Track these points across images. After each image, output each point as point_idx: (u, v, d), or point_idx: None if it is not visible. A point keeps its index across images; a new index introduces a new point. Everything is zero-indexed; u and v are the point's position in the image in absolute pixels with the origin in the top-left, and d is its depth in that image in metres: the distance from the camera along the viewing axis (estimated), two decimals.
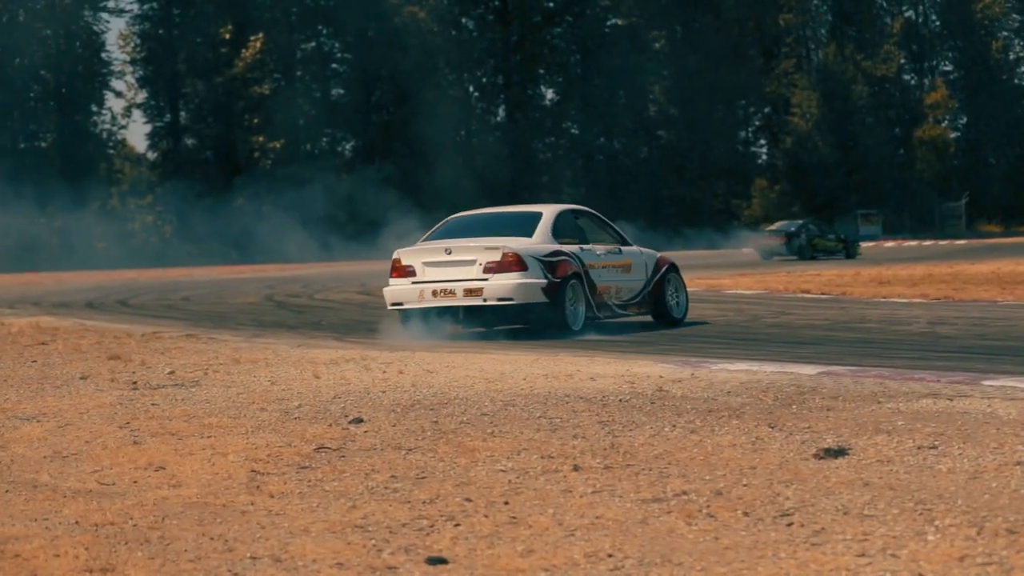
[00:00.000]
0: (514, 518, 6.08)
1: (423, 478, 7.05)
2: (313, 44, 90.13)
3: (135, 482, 7.23)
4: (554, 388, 10.41)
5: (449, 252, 16.68)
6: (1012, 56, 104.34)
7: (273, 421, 9.12)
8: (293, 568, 5.39)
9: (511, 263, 16.35)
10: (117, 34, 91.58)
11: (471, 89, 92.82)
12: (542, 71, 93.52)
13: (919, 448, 7.39)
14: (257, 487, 6.95)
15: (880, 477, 6.67)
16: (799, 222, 57.60)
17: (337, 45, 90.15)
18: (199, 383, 11.58)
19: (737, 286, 29.02)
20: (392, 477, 7.10)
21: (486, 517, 6.11)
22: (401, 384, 10.98)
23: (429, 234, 17.89)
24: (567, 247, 17.05)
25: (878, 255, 56.68)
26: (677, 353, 13.69)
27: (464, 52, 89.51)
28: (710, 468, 7.04)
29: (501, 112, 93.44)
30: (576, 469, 7.13)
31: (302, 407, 9.74)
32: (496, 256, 16.40)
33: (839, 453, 7.27)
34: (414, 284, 16.80)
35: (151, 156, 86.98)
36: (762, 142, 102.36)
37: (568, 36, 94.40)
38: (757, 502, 6.21)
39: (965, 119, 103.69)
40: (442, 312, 16.83)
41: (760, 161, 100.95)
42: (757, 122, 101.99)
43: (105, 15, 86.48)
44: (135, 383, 11.68)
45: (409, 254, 17.06)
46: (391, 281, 17.09)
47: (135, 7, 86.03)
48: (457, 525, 5.99)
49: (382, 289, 17.78)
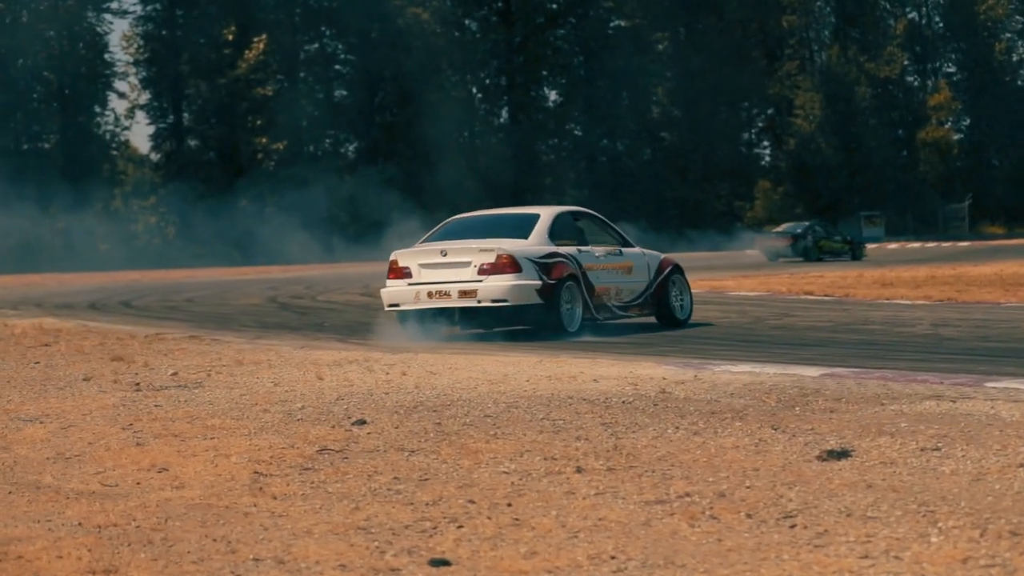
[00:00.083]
0: (517, 520, 6.07)
1: (426, 480, 7.05)
2: (316, 45, 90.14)
3: (138, 483, 7.23)
4: (557, 390, 10.41)
5: (445, 254, 16.77)
6: (1015, 58, 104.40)
7: (276, 423, 9.12)
8: (296, 570, 5.39)
9: (505, 265, 16.41)
10: (120, 35, 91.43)
11: (474, 90, 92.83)
12: (545, 72, 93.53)
13: (922, 450, 7.39)
14: (260, 488, 6.95)
15: (883, 479, 6.67)
16: (805, 224, 57.58)
17: (340, 46, 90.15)
18: (202, 384, 11.58)
19: (740, 288, 29.01)
20: (395, 479, 7.10)
21: (489, 519, 6.11)
22: (404, 386, 10.98)
23: (428, 235, 17.95)
24: (564, 249, 17.07)
25: (881, 257, 56.65)
26: (680, 355, 13.69)
27: (467, 53, 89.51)
28: (713, 470, 7.04)
29: (504, 113, 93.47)
30: (579, 471, 7.13)
31: (305, 409, 9.74)
32: (490, 258, 16.46)
33: (842, 455, 7.27)
34: (410, 285, 16.87)
35: (154, 157, 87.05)
36: (765, 144, 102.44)
37: (571, 37, 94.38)
38: (760, 504, 6.20)
39: (968, 121, 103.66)
40: (438, 313, 16.91)
41: (763, 163, 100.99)
42: (760, 124, 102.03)
43: (108, 16, 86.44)
44: (138, 384, 11.68)
45: (406, 256, 17.14)
46: (388, 282, 17.18)
47: (138, 8, 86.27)
48: (460, 527, 5.99)
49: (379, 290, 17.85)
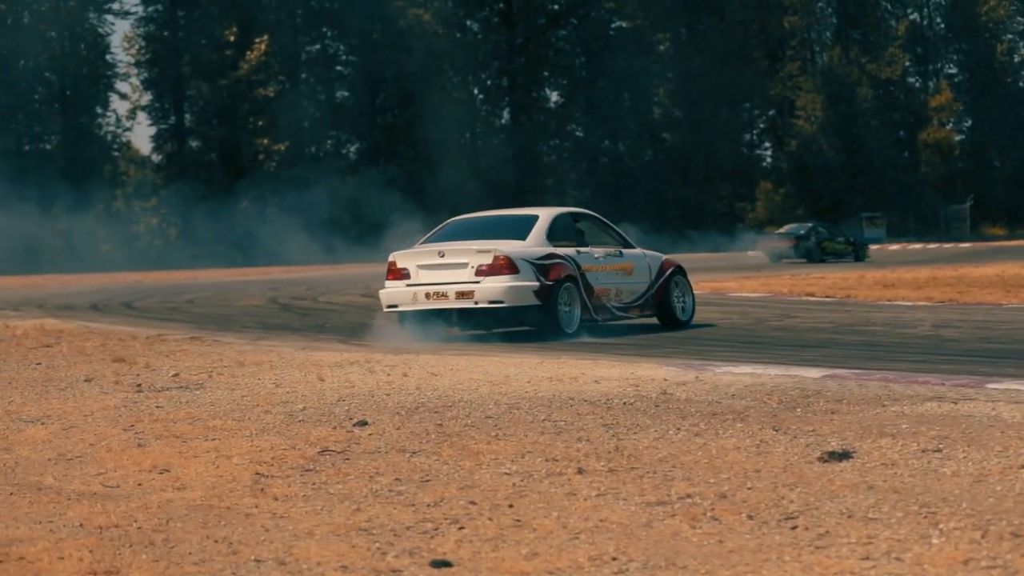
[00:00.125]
0: (518, 521, 6.07)
1: (427, 481, 7.05)
2: (318, 46, 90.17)
3: (139, 484, 7.23)
4: (558, 391, 10.40)
5: (442, 255, 16.85)
6: (1017, 59, 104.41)
7: (277, 424, 9.12)
8: (297, 571, 5.39)
9: (502, 266, 16.46)
10: (122, 36, 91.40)
11: (476, 91, 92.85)
12: (547, 73, 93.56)
13: (923, 451, 7.38)
14: (261, 490, 6.95)
15: (884, 480, 6.67)
16: (808, 225, 57.58)
17: (342, 47, 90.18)
18: (203, 386, 11.58)
19: (741, 289, 29.01)
20: (396, 480, 7.10)
21: (490, 520, 6.11)
22: (405, 387, 10.98)
23: (428, 236, 18.04)
24: (562, 250, 17.11)
25: (883, 258, 56.65)
26: (681, 356, 13.69)
27: (469, 54, 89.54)
28: (714, 471, 7.03)
29: (506, 115, 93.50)
30: (580, 472, 7.13)
31: (306, 410, 9.74)
32: (487, 259, 16.52)
33: (843, 456, 7.26)
34: (408, 287, 16.94)
35: (155, 158, 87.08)
36: (767, 145, 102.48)
37: (573, 39, 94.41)
38: (761, 505, 6.20)
39: (970, 122, 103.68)
40: (437, 314, 16.98)
41: (765, 164, 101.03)
42: (762, 125, 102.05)
43: (110, 17, 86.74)
44: (139, 385, 11.68)
45: (404, 257, 17.21)
46: (387, 283, 17.25)
47: (140, 9, 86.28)
48: (461, 528, 5.99)
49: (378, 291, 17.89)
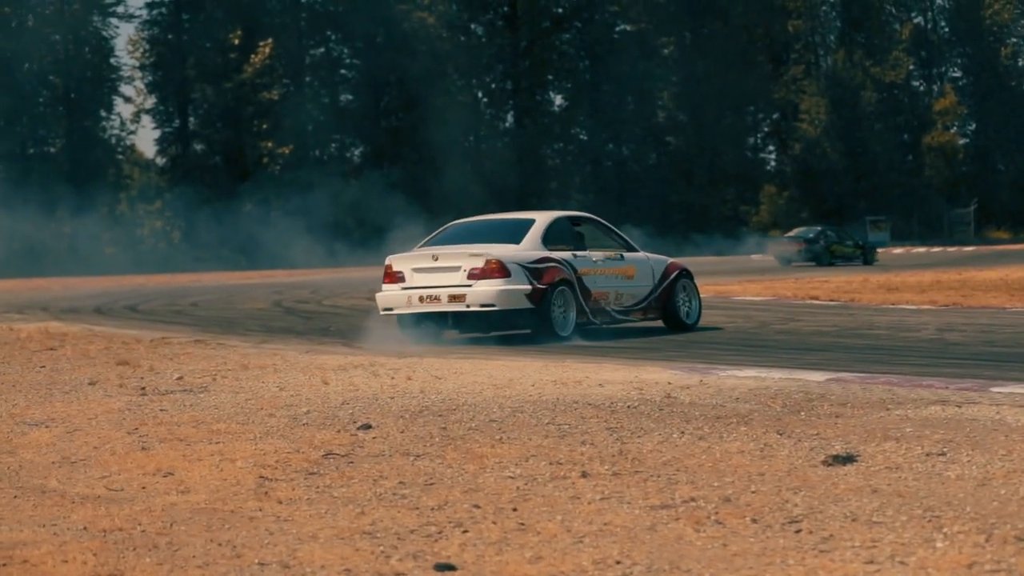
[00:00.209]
0: (522, 524, 6.07)
1: (431, 484, 7.05)
2: (322, 50, 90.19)
3: (143, 488, 7.23)
4: (562, 394, 10.40)
5: (436, 259, 17.02)
6: (1021, 62, 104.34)
7: (281, 427, 9.11)
8: (301, 574, 5.39)
9: (494, 270, 16.60)
10: (126, 39, 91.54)
11: (480, 95, 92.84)
12: (551, 77, 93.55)
13: (928, 455, 7.38)
14: (265, 493, 6.95)
15: (889, 484, 6.66)
16: (817, 228, 57.65)
17: (346, 50, 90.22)
18: (208, 389, 11.59)
19: (746, 292, 29.01)
20: (400, 483, 7.10)
21: (494, 523, 6.11)
22: (409, 390, 10.98)
23: (427, 240, 18.24)
24: (557, 254, 17.20)
25: (887, 261, 56.70)
26: (685, 359, 13.69)
27: (473, 58, 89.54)
28: (718, 475, 7.03)
29: (510, 118, 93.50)
30: (584, 475, 7.13)
31: (310, 413, 9.74)
32: (479, 263, 16.67)
33: (847, 460, 7.26)
34: (403, 290, 17.11)
35: (160, 161, 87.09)
36: (771, 148, 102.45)
37: (577, 42, 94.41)
38: (765, 509, 6.20)
39: (974, 125, 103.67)
40: (432, 318, 17.11)
41: (769, 167, 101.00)
42: (766, 128, 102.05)
43: (114, 20, 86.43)
44: (144, 389, 11.69)
45: (399, 260, 17.36)
46: (383, 287, 17.42)
47: (144, 12, 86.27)
48: (465, 531, 5.98)
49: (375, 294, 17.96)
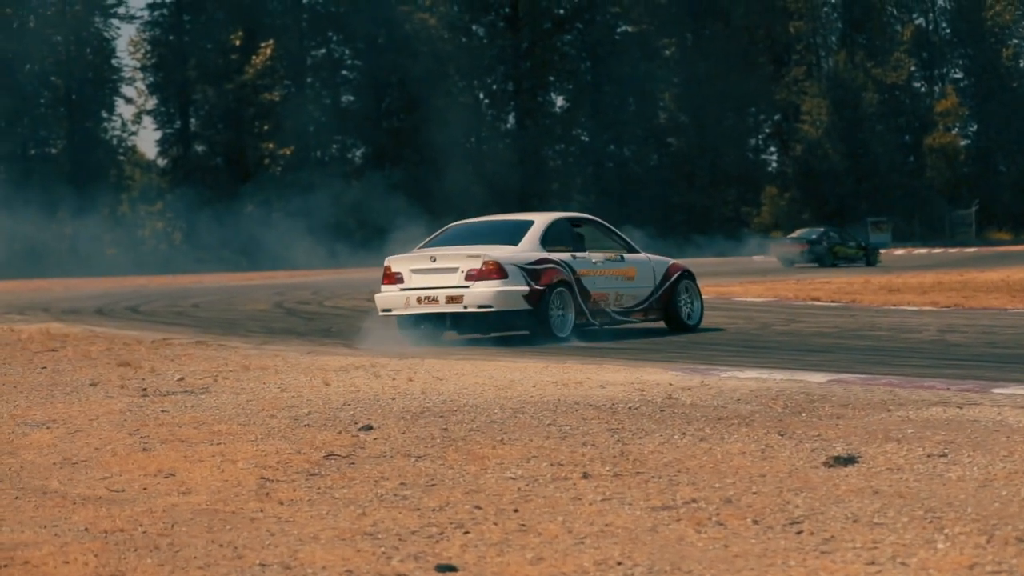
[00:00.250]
0: (523, 526, 6.07)
1: (433, 485, 7.04)
2: (323, 51, 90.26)
3: (144, 489, 7.23)
4: (564, 395, 10.40)
5: (434, 260, 17.08)
6: (1022, 63, 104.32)
7: (283, 428, 9.11)
8: (303, 575, 5.39)
9: (491, 271, 16.67)
10: (127, 40, 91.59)
11: (481, 96, 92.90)
12: (552, 78, 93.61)
13: (929, 456, 7.38)
14: (267, 494, 6.94)
15: (890, 485, 6.66)
16: (820, 229, 57.70)
17: (347, 52, 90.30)
18: (209, 390, 11.58)
19: (747, 293, 29.01)
20: (402, 484, 7.10)
21: (495, 525, 6.10)
22: (411, 391, 10.98)
23: (427, 241, 18.32)
24: (556, 255, 17.25)
25: (888, 263, 56.72)
26: (687, 360, 13.69)
27: (474, 59, 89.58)
28: (720, 476, 7.03)
29: (511, 119, 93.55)
30: (586, 476, 7.13)
31: (312, 414, 9.73)
32: (477, 264, 16.74)
33: (849, 461, 7.26)
34: (402, 291, 17.19)
35: (161, 162, 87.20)
36: (772, 149, 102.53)
37: (578, 43, 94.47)
38: (767, 510, 6.20)
39: (975, 127, 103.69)
40: (430, 318, 17.17)
41: (770, 168, 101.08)
42: (767, 129, 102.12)
43: (115, 21, 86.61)
44: (145, 390, 11.68)
45: (398, 261, 17.43)
46: (382, 288, 17.50)
47: (145, 13, 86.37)
48: (467, 532, 5.98)
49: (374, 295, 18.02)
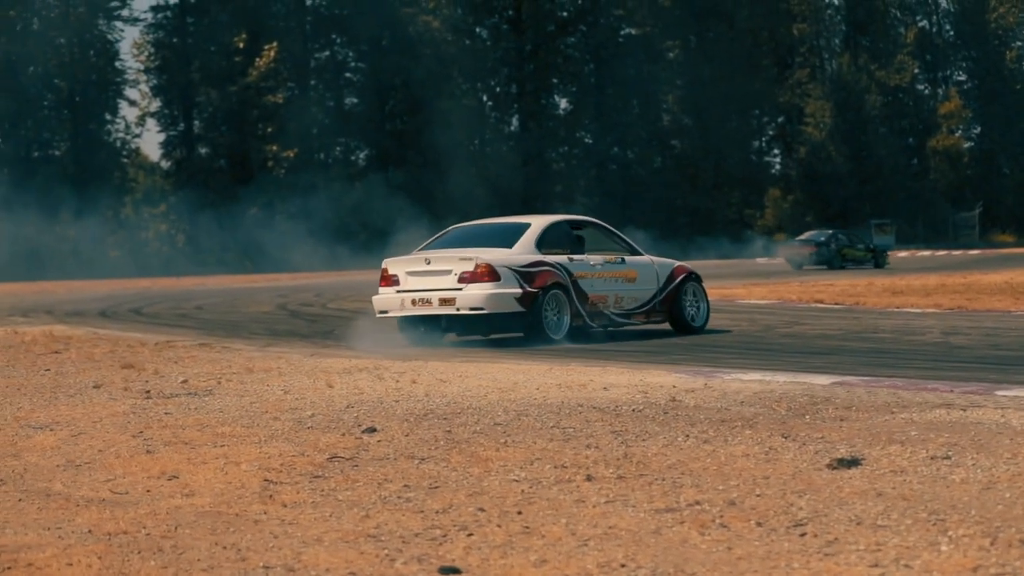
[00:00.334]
0: (527, 528, 6.06)
1: (436, 488, 7.04)
2: (327, 53, 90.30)
3: (148, 491, 7.23)
4: (567, 398, 10.40)
5: (428, 262, 17.23)
6: None
7: (286, 430, 9.11)
8: None
9: (483, 274, 16.79)
10: (131, 43, 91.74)
11: (485, 98, 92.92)
12: (556, 80, 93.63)
13: (932, 458, 7.37)
14: (270, 496, 6.94)
15: (893, 487, 6.65)
16: (829, 232, 57.78)
17: (351, 54, 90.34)
18: (212, 392, 11.59)
19: (750, 296, 29.00)
20: (405, 486, 7.10)
21: (499, 527, 6.10)
22: (414, 393, 10.98)
23: (426, 243, 18.49)
24: (551, 257, 17.34)
25: (894, 265, 56.69)
26: (690, 363, 13.68)
27: (478, 61, 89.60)
28: (723, 478, 7.02)
29: (515, 121, 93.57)
30: (589, 479, 7.12)
31: (315, 416, 9.73)
32: (469, 266, 16.88)
33: (852, 463, 7.25)
34: (398, 293, 17.37)
35: (164, 165, 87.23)
36: (776, 152, 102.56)
37: (582, 45, 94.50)
38: (770, 512, 6.19)
39: (979, 129, 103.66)
40: (426, 320, 17.34)
41: (774, 171, 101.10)
42: (771, 132, 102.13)
43: (119, 24, 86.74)
44: (148, 392, 11.69)
45: (395, 263, 17.60)
46: (380, 290, 17.68)
47: (149, 16, 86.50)
48: (470, 535, 5.98)
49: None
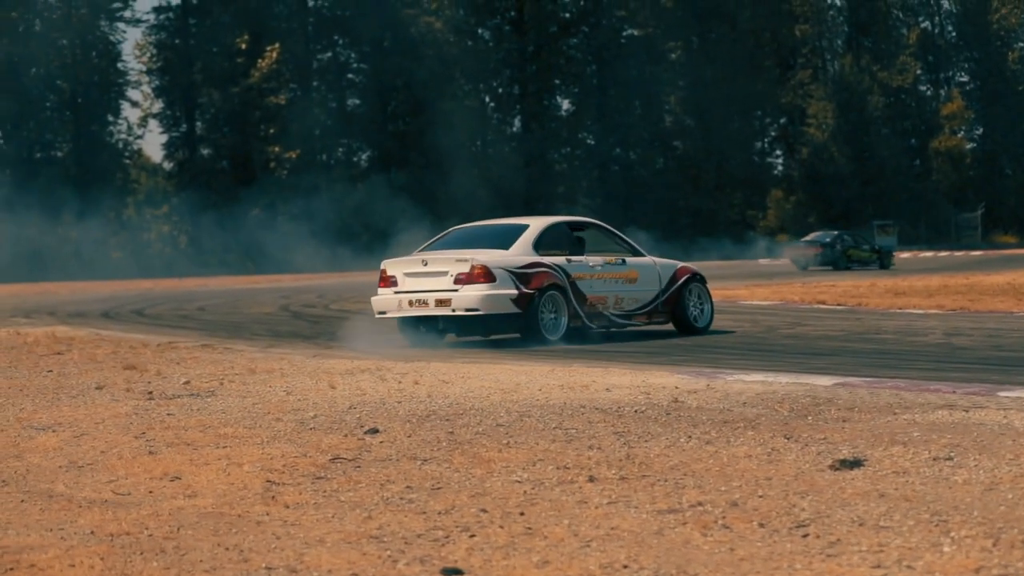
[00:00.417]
0: (529, 529, 6.06)
1: (438, 489, 7.04)
2: (329, 54, 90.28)
3: (150, 492, 7.23)
4: (569, 399, 10.40)
5: (425, 264, 17.32)
6: None
7: (288, 431, 9.11)
8: None
9: (479, 275, 16.89)
10: (133, 44, 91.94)
11: (487, 99, 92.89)
12: (558, 81, 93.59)
13: (935, 459, 7.37)
14: (272, 497, 6.94)
15: (896, 488, 6.65)
16: (834, 233, 57.76)
17: (353, 55, 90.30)
18: (215, 393, 11.59)
19: (753, 297, 28.99)
20: (407, 488, 7.10)
21: (501, 528, 6.10)
22: (417, 395, 10.98)
23: (426, 244, 18.60)
24: (549, 259, 17.42)
25: (896, 266, 56.66)
26: (692, 364, 13.68)
27: (480, 62, 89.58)
28: (725, 479, 7.02)
29: (517, 122, 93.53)
30: (591, 480, 7.12)
31: (318, 417, 9.74)
32: (465, 268, 16.98)
33: (855, 464, 7.25)
34: (395, 294, 17.50)
35: (167, 166, 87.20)
36: (778, 153, 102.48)
37: (584, 47, 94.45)
38: (773, 513, 6.19)
39: (981, 130, 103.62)
40: (424, 321, 17.45)
41: (776, 172, 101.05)
42: (773, 133, 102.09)
43: (121, 25, 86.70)
44: (151, 393, 11.69)
45: (393, 265, 17.72)
46: (379, 290, 17.80)
47: (151, 17, 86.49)
48: (472, 536, 5.98)
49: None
